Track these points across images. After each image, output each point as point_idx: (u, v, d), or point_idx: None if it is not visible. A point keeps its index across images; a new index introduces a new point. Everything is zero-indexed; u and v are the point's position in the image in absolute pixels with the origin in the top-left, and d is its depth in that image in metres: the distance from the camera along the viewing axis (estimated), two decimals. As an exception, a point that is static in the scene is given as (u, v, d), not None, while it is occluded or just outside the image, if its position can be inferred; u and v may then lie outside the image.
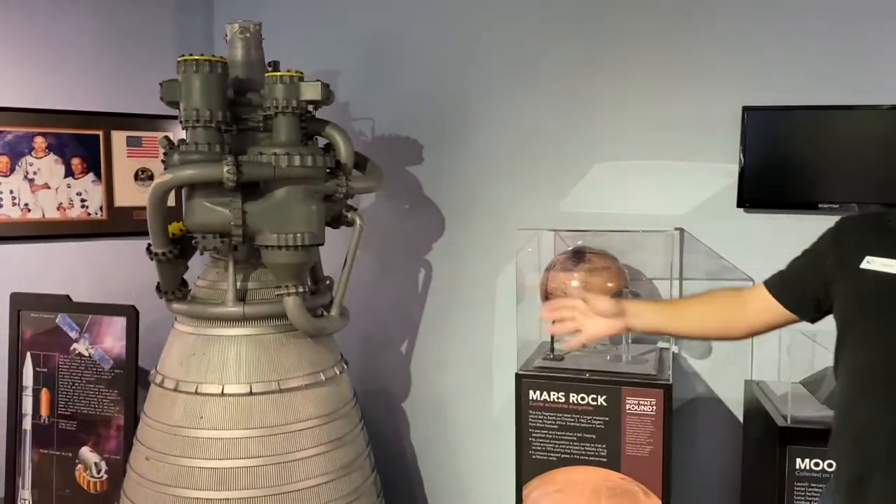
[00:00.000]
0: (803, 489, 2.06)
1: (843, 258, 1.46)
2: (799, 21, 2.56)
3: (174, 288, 2.46)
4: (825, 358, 2.52)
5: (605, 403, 2.33)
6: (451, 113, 2.99)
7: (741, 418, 2.69)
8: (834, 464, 1.49)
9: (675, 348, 2.76)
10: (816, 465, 2.05)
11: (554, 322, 1.75)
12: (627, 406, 2.32)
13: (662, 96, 2.71)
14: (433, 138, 3.04)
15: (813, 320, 1.59)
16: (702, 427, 2.76)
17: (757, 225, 2.65)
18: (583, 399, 2.35)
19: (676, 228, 2.73)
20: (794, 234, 2.69)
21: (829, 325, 2.48)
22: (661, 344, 2.64)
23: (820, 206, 2.54)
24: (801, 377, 2.51)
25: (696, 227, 2.71)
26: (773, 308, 1.60)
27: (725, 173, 2.65)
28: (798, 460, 2.06)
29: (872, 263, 1.40)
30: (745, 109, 2.56)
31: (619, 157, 2.79)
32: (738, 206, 2.62)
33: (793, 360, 2.57)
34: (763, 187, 2.59)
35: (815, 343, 2.55)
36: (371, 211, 3.12)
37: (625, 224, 2.75)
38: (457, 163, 3.00)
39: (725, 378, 2.72)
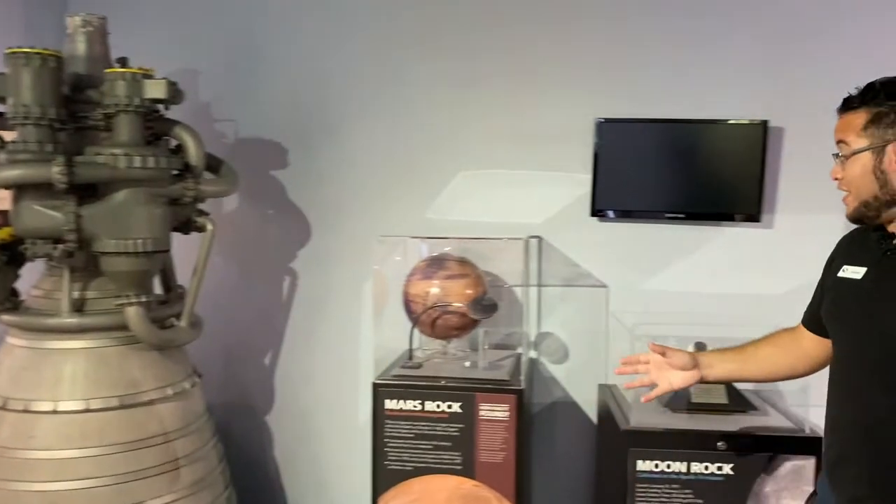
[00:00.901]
0: (644, 490, 2.12)
1: (832, 271, 1.62)
2: (651, 36, 2.67)
3: (3, 298, 2.28)
4: (674, 361, 2.64)
5: (459, 410, 2.33)
6: (317, 116, 2.93)
7: (596, 421, 2.76)
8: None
9: (533, 354, 2.81)
10: (656, 466, 2.12)
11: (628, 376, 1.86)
12: (481, 412, 2.33)
13: (523, 107, 2.76)
14: (299, 142, 2.97)
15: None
16: (560, 431, 2.82)
17: (609, 233, 2.74)
18: (438, 406, 2.34)
19: (534, 236, 2.77)
20: (645, 242, 2.84)
21: (669, 330, 2.59)
22: (519, 349, 2.68)
23: (667, 215, 2.65)
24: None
25: (554, 235, 2.77)
26: (817, 341, 1.71)
27: (580, 183, 2.72)
28: (639, 462, 2.12)
29: (846, 271, 1.56)
30: (598, 121, 2.64)
31: (483, 165, 2.82)
32: (592, 214, 2.69)
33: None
34: (614, 197, 2.67)
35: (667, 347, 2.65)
36: (233, 216, 3.02)
37: (488, 231, 2.77)
38: (323, 168, 2.95)
39: (582, 382, 2.79)
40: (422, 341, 2.72)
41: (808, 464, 2.08)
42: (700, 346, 2.37)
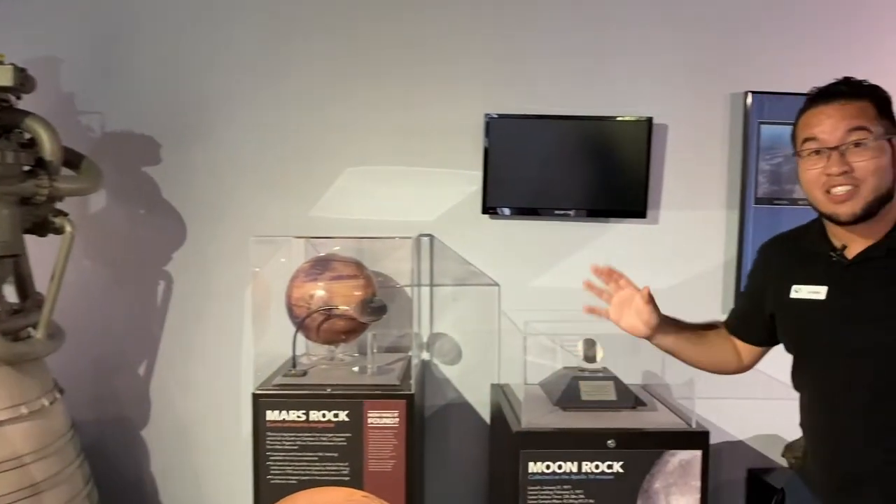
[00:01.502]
0: (536, 492, 2.08)
1: (775, 289, 1.52)
2: (540, 33, 2.64)
3: None
4: (566, 359, 2.63)
5: (346, 419, 2.22)
6: (193, 109, 2.74)
7: (489, 422, 2.71)
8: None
9: (425, 355, 2.73)
10: (547, 467, 2.08)
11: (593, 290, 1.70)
12: (369, 420, 2.22)
13: (412, 102, 2.68)
14: (172, 137, 2.76)
15: (764, 345, 1.68)
16: (453, 434, 2.76)
17: (500, 231, 2.70)
18: (324, 416, 2.22)
19: (426, 235, 2.70)
20: (535, 239, 2.81)
21: (560, 327, 2.58)
22: (410, 352, 2.59)
23: (556, 212, 2.63)
24: (542, 377, 2.57)
25: (445, 233, 2.71)
26: (747, 347, 1.68)
27: (471, 180, 2.67)
28: (531, 464, 2.08)
29: (800, 292, 1.46)
30: (487, 117, 2.59)
31: (371, 161, 2.71)
32: (484, 212, 2.64)
33: (535, 362, 2.63)
34: (506, 194, 2.63)
35: (556, 345, 2.64)
36: (101, 216, 2.78)
37: (377, 230, 2.67)
38: (199, 164, 2.76)
39: (475, 383, 2.73)
40: (308, 347, 2.59)
41: (694, 458, 2.09)
42: (590, 343, 2.36)
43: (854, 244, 1.41)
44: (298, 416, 2.23)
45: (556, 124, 2.60)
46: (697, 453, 2.09)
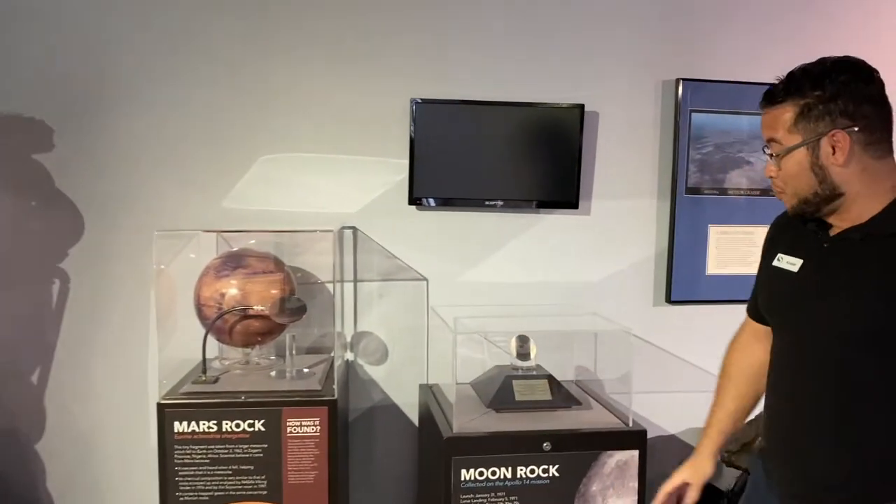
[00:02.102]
0: (468, 501, 1.96)
1: (769, 255, 1.53)
2: (467, 16, 2.51)
3: None
4: (498, 356, 2.52)
5: (263, 428, 2.05)
6: (90, 89, 2.47)
7: (418, 425, 2.58)
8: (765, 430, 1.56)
9: (349, 355, 2.57)
10: (481, 474, 1.96)
11: None
12: (288, 429, 2.06)
13: (333, 85, 2.50)
14: (67, 120, 2.49)
15: None
16: (381, 439, 2.61)
17: (428, 223, 2.56)
18: (238, 426, 2.04)
19: (349, 227, 2.54)
20: (464, 231, 2.69)
21: (491, 324, 2.47)
22: (333, 353, 2.43)
23: (486, 203, 2.51)
24: (474, 377, 2.46)
25: (370, 225, 2.55)
26: (757, 328, 1.63)
27: (397, 169, 2.52)
28: (463, 471, 1.96)
29: (781, 261, 1.48)
30: (414, 102, 2.44)
31: (289, 149, 2.52)
32: (410, 202, 2.50)
33: (466, 360, 2.52)
34: (433, 184, 2.49)
35: (487, 341, 2.53)
36: (-16, 209, 2.50)
37: (296, 222, 2.49)
38: (99, 150, 2.50)
39: (402, 384, 2.59)
40: (221, 350, 2.40)
41: (632, 458, 2.02)
42: (522, 340, 2.25)
43: (835, 225, 1.41)
44: (209, 427, 2.04)
45: (486, 110, 2.47)
46: (635, 453, 2.02)
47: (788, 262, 1.46)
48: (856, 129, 1.30)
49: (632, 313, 2.68)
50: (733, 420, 1.67)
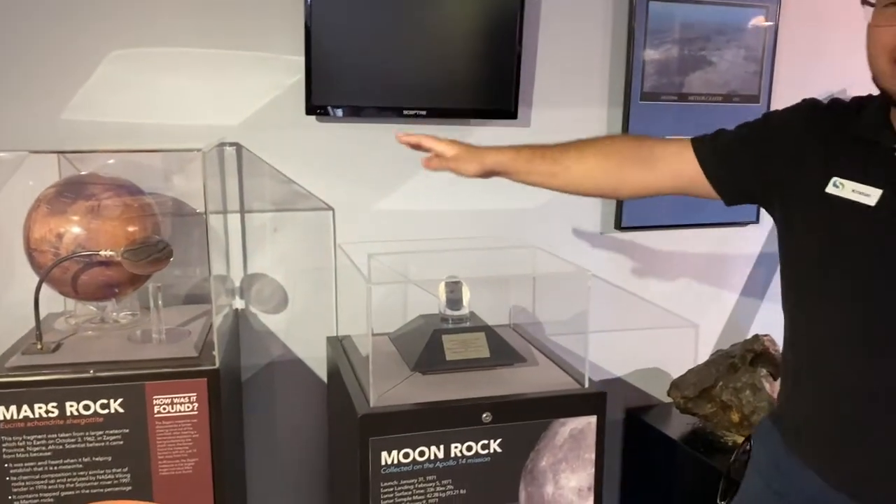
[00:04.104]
0: (391, 489, 1.57)
1: (808, 170, 1.12)
2: None
3: None
4: (420, 303, 2.10)
5: (121, 409, 1.57)
6: None
7: (327, 390, 2.15)
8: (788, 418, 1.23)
9: (239, 303, 2.09)
10: (406, 456, 1.57)
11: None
12: (156, 409, 1.59)
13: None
14: None
15: (731, 204, 1.29)
16: (282, 404, 2.16)
17: (332, 138, 2.06)
18: (87, 408, 1.56)
19: (230, 143, 2.01)
20: (378, 148, 2.19)
21: (412, 262, 2.04)
22: (219, 300, 1.94)
23: (405, 112, 2.03)
24: (392, 325, 2.04)
25: (257, 141, 2.03)
26: (689, 168, 1.28)
27: (291, 68, 1.99)
28: (384, 454, 1.55)
29: (843, 188, 1.07)
30: (309, -20, 1.90)
31: (149, 41, 1.93)
32: (309, 112, 1.98)
33: (383, 306, 2.09)
34: (337, 88, 1.98)
35: (409, 284, 2.10)
36: None
37: (160, 138, 1.95)
38: None
39: (307, 335, 2.14)
40: (68, 304, 1.88)
41: (588, 426, 1.66)
42: (454, 286, 1.83)
43: None
44: (48, 412, 1.55)
45: (401, -5, 1.96)
46: (592, 419, 1.66)
47: (857, 192, 1.05)
48: None
49: (575, 242, 2.30)
50: (547, 164, 1.38)
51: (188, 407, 1.60)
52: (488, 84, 2.06)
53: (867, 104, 1.13)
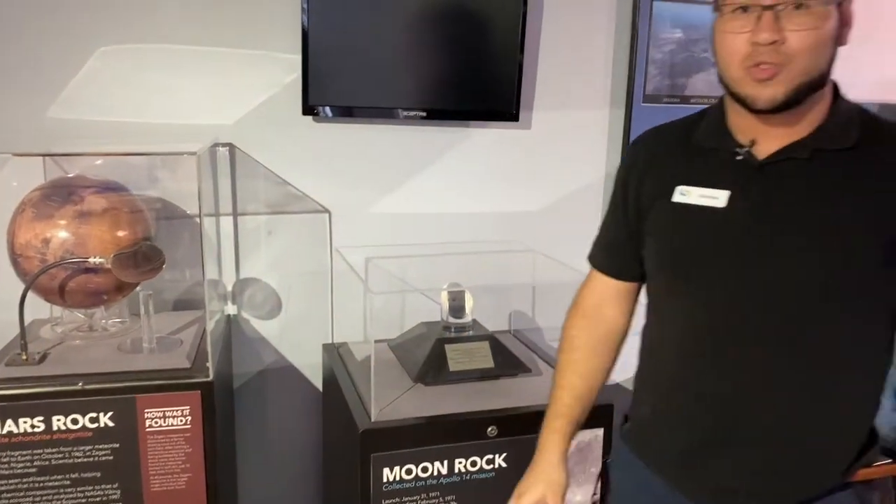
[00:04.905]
0: (393, 505, 1.52)
1: (653, 191, 1.14)
2: None
3: None
4: (419, 308, 2.05)
5: (111, 423, 1.51)
6: None
7: (323, 400, 2.09)
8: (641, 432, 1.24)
9: (231, 309, 2.03)
10: (409, 472, 1.51)
11: None
12: (148, 422, 1.53)
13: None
14: None
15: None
16: (274, 413, 2.10)
17: (329, 139, 2.00)
18: (75, 423, 1.50)
19: (223, 144, 1.94)
20: (376, 150, 2.12)
21: (411, 267, 1.98)
22: (211, 306, 1.87)
23: (403, 113, 1.97)
24: (393, 333, 1.99)
25: (251, 142, 1.96)
26: (615, 287, 1.26)
27: (287, 67, 1.92)
28: (386, 470, 1.50)
29: (689, 195, 1.09)
30: (306, -25, 1.83)
31: (140, 37, 1.86)
32: (305, 112, 1.92)
33: (382, 312, 2.04)
34: (334, 88, 1.91)
35: (406, 291, 2.05)
36: None
37: (151, 138, 1.88)
38: None
39: (302, 342, 2.08)
40: (55, 311, 1.80)
41: (595, 439, 1.62)
42: (457, 294, 1.78)
43: (766, 140, 1.05)
44: (34, 426, 1.49)
45: (401, -9, 1.89)
46: (599, 432, 1.62)
47: (705, 196, 1.06)
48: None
49: (577, 247, 2.26)
50: (583, 404, 1.28)
51: (181, 420, 1.54)
52: (489, 85, 2.01)
53: (703, 115, 1.15)
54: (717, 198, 1.06)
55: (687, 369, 1.12)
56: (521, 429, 1.57)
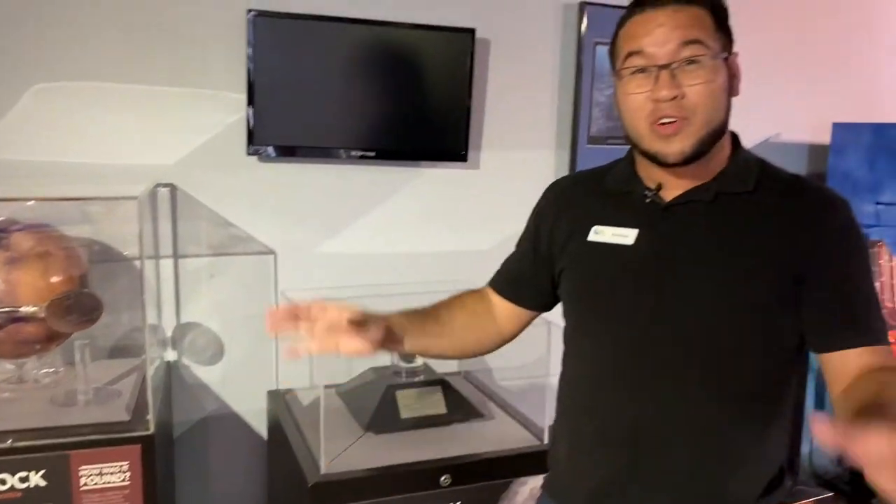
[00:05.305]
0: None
1: (568, 232, 1.18)
2: None
3: None
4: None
5: (43, 482, 1.42)
6: None
7: (268, 449, 2.03)
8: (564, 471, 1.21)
9: (171, 355, 1.95)
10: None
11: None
12: (82, 480, 1.44)
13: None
14: None
15: (542, 310, 1.30)
16: (218, 465, 2.02)
17: (274, 179, 1.97)
18: (3, 483, 1.40)
19: (164, 185, 1.88)
20: (322, 191, 2.09)
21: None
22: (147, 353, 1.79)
23: (351, 153, 1.95)
24: (341, 378, 1.94)
25: (194, 182, 1.91)
26: (514, 312, 1.28)
27: (231, 106, 1.88)
28: (337, 525, 1.45)
29: (602, 234, 1.14)
30: (252, 14, 1.80)
31: (79, 74, 1.80)
32: (250, 153, 1.88)
33: (328, 357, 1.98)
34: (280, 128, 1.88)
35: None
36: None
37: (89, 179, 1.81)
38: None
39: (245, 388, 2.01)
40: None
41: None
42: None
43: (670, 186, 1.10)
44: (-43, 488, 1.39)
45: (353, 31, 1.88)
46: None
47: (616, 234, 1.12)
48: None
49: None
50: (413, 326, 1.22)
51: (119, 477, 1.46)
52: (438, 126, 2.01)
53: (614, 164, 1.22)
54: (626, 236, 1.11)
55: (595, 405, 1.14)
56: (475, 477, 1.54)
